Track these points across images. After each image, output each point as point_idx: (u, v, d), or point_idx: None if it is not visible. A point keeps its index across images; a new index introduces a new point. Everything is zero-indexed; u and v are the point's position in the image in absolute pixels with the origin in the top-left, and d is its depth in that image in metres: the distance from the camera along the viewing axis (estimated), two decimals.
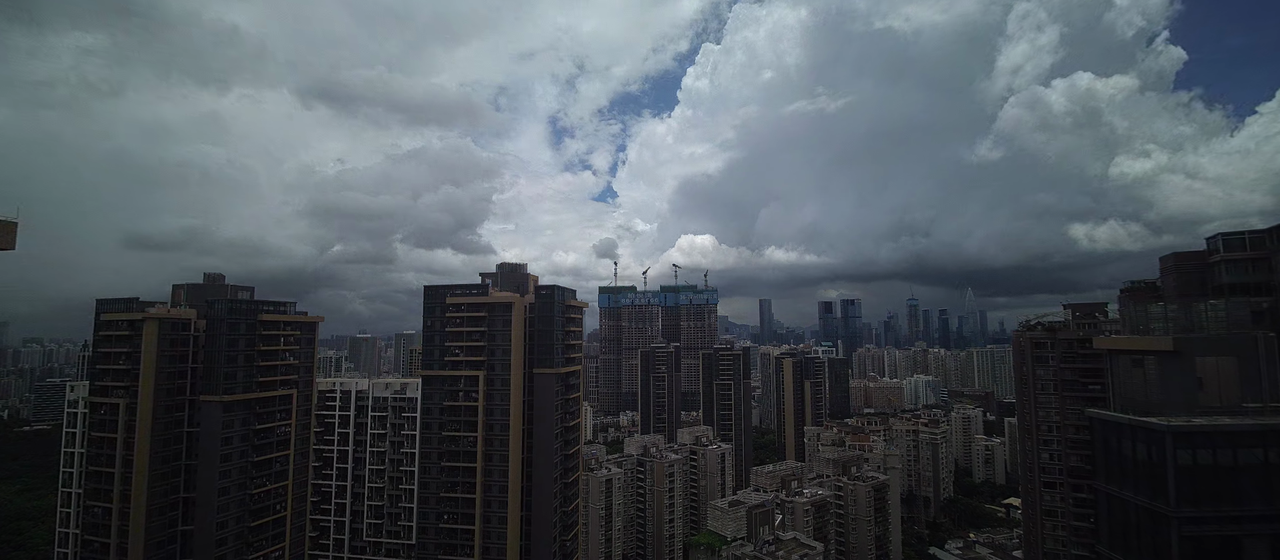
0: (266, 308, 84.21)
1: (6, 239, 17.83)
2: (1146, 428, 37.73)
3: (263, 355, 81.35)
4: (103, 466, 78.53)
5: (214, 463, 75.07)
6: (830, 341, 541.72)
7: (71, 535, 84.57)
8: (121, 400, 78.84)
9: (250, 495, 78.51)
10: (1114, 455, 41.01)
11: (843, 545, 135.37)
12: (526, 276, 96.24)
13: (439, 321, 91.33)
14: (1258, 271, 51.78)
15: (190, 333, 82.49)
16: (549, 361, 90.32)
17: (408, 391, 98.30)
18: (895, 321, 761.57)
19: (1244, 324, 42.28)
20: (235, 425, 77.31)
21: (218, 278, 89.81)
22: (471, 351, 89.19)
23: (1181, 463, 35.98)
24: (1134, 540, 39.02)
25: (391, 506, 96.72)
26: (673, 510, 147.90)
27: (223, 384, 76.41)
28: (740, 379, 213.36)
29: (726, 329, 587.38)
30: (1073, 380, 77.26)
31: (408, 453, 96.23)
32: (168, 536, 79.34)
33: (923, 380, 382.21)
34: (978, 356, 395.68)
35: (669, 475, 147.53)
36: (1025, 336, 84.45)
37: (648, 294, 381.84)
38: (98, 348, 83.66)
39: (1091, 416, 44.44)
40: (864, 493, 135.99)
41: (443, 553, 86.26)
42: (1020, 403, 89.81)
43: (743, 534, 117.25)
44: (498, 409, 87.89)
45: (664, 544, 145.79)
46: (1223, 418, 37.46)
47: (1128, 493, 39.26)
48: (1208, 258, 56.52)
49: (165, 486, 79.42)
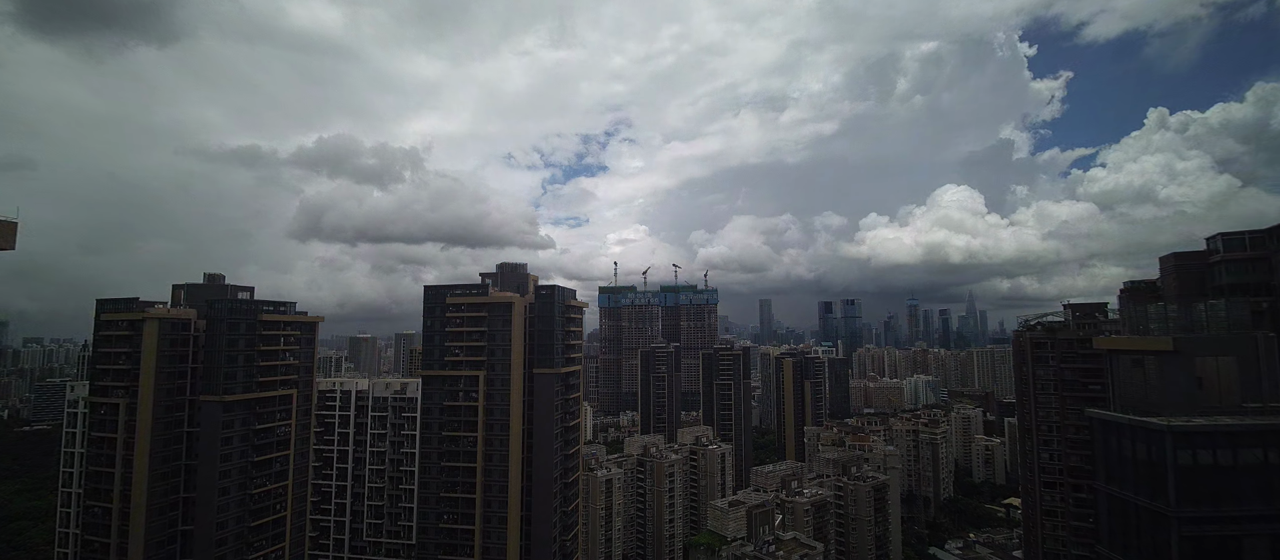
0: (267, 308, 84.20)
1: (6, 239, 17.80)
2: (1146, 428, 37.70)
3: (263, 355, 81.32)
4: (103, 466, 78.57)
5: (214, 463, 75.07)
6: (830, 341, 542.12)
7: (71, 535, 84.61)
8: (121, 400, 78.87)
9: (250, 495, 78.49)
10: (1114, 455, 40.98)
11: (843, 545, 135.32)
12: (526, 276, 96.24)
13: (439, 321, 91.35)
14: (1258, 271, 51.77)
15: (190, 333, 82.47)
16: (549, 361, 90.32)
17: (408, 391, 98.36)
18: (895, 321, 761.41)
19: (1244, 324, 42.26)
20: (235, 425, 77.29)
21: (218, 277, 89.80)
22: (472, 351, 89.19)
23: (1181, 463, 35.95)
24: (1134, 540, 39.01)
25: (391, 506, 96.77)
26: (673, 510, 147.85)
27: (223, 384, 76.40)
28: (740, 379, 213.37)
29: (726, 329, 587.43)
30: (1073, 380, 77.28)
31: (408, 453, 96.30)
32: (168, 536, 79.31)
33: (923, 380, 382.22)
34: (978, 356, 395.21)
35: (669, 475, 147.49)
36: (1025, 336, 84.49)
37: (648, 294, 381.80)
38: (98, 348, 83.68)
39: (1091, 416, 44.39)
40: (864, 493, 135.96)
41: (443, 553, 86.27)
42: (1020, 403, 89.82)
43: (743, 534, 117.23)
44: (498, 409, 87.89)
45: (664, 544, 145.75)
46: (1223, 418, 37.43)
47: (1128, 493, 39.24)
48: (1208, 258, 56.52)
49: (165, 486, 79.39)
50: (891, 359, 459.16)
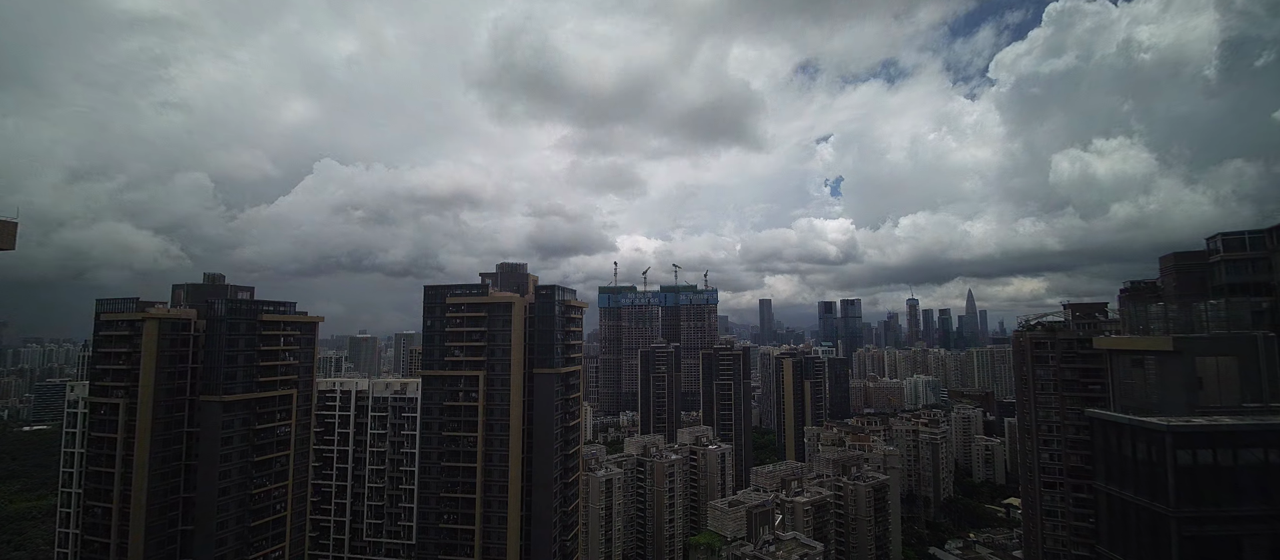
0: (267, 308, 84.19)
1: (6, 239, 17.82)
2: (1146, 428, 37.68)
3: (263, 355, 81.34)
4: (103, 466, 78.57)
5: (214, 463, 75.06)
6: (830, 341, 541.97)
7: (71, 535, 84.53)
8: (121, 400, 78.86)
9: (250, 495, 78.49)
10: (1114, 455, 40.97)
11: (843, 545, 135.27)
12: (526, 277, 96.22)
13: (439, 321, 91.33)
14: (1258, 271, 51.76)
15: (190, 333, 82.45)
16: (549, 361, 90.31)
17: (408, 391, 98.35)
18: (895, 321, 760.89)
19: (1244, 324, 42.24)
20: (235, 425, 77.29)
21: (218, 278, 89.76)
22: (471, 351, 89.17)
23: (1181, 463, 35.93)
24: (1134, 540, 39.00)
25: (391, 506, 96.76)
26: (673, 510, 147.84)
27: (223, 384, 76.42)
28: (740, 379, 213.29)
29: (726, 329, 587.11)
30: (1073, 380, 77.35)
31: (408, 453, 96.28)
32: (168, 536, 79.30)
33: (923, 380, 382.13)
34: (978, 356, 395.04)
35: (669, 475, 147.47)
36: (1025, 336, 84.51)
37: (648, 294, 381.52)
38: (98, 348, 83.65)
39: (1091, 416, 44.40)
40: (864, 493, 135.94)
41: (443, 553, 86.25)
42: (1020, 403, 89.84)
43: (743, 534, 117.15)
44: (498, 409, 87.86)
45: (664, 544, 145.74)
46: (1223, 418, 37.43)
47: (1128, 493, 39.23)
48: (1208, 258, 56.52)
49: (165, 486, 79.38)
50: (891, 359, 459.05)
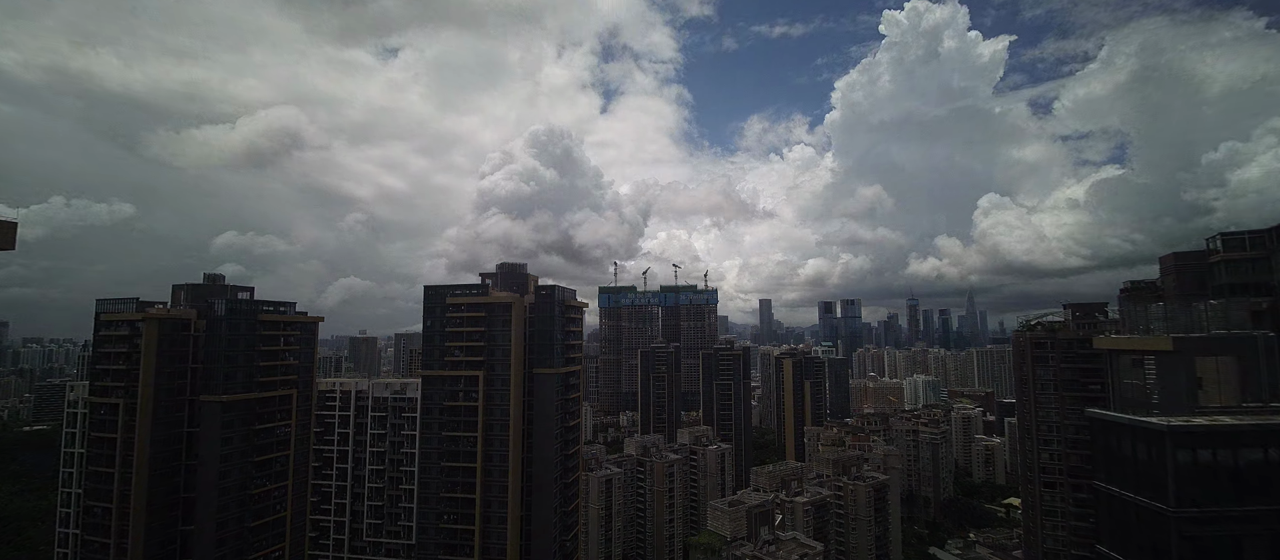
0: (266, 308, 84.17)
1: (6, 239, 17.76)
2: (1146, 427, 37.71)
3: (263, 355, 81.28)
4: (103, 466, 78.53)
5: (214, 463, 75.03)
6: (830, 341, 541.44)
7: (71, 535, 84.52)
8: (121, 400, 78.83)
9: (250, 495, 78.45)
10: (1114, 455, 41.00)
11: (843, 545, 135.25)
12: (526, 277, 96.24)
13: (439, 322, 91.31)
14: (1258, 271, 51.75)
15: (190, 333, 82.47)
16: (549, 361, 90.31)
17: (408, 391, 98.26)
18: (895, 321, 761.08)
19: (1244, 324, 42.26)
20: (235, 425, 77.23)
21: (218, 278, 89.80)
22: (471, 352, 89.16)
23: (1181, 462, 35.97)
24: (1134, 540, 39.01)
25: (391, 506, 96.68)
26: (672, 510, 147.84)
27: (223, 384, 76.38)
28: (740, 379, 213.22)
29: (726, 329, 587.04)
30: (1073, 380, 77.32)
31: (408, 453, 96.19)
32: (168, 536, 79.33)
33: (923, 380, 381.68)
34: (978, 356, 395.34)
35: (669, 475, 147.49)
36: (1025, 336, 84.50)
37: (648, 294, 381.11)
38: (98, 348, 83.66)
39: (1091, 416, 44.45)
40: (864, 493, 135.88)
41: (443, 553, 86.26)
42: (1020, 403, 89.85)
43: (743, 534, 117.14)
44: (498, 409, 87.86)
45: (664, 544, 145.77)
46: (1223, 418, 37.45)
47: (1128, 492, 39.25)
48: (1207, 258, 56.52)
49: (165, 486, 79.41)
50: (891, 359, 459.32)
